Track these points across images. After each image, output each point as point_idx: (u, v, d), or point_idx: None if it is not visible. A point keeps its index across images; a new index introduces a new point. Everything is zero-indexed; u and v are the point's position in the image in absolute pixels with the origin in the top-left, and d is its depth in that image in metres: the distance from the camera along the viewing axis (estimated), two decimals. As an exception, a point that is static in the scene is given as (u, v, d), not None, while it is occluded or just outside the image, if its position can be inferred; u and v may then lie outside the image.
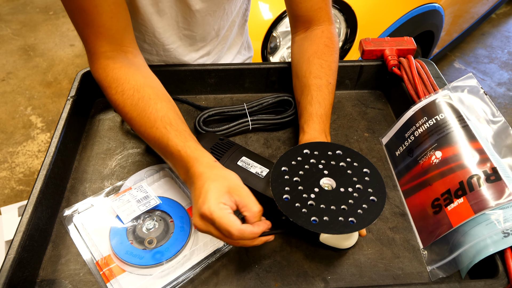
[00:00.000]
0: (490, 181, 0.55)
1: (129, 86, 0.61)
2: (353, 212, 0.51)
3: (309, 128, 0.65)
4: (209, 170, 0.53)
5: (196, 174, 0.53)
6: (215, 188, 0.50)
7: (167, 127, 0.58)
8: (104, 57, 0.63)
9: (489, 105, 0.64)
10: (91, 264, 0.56)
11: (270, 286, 0.55)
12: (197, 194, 0.51)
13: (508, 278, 0.52)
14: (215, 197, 0.50)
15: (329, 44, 0.73)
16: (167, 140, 0.57)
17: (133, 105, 0.60)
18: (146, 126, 0.59)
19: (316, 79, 0.69)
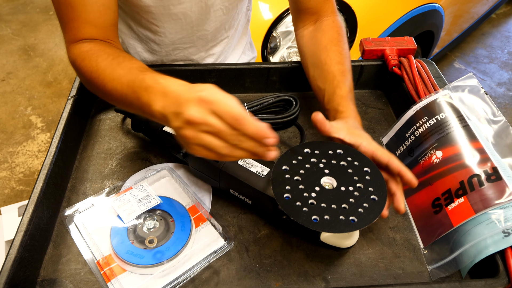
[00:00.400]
0: (490, 180, 0.55)
1: (104, 52, 0.60)
2: (354, 211, 0.51)
3: (345, 107, 0.65)
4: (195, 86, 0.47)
5: (181, 88, 0.47)
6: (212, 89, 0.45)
7: (143, 70, 0.54)
8: (85, 42, 0.63)
9: (490, 105, 0.64)
10: (92, 264, 0.56)
11: (271, 285, 0.55)
12: (185, 91, 0.46)
13: (508, 278, 0.52)
14: (212, 87, 0.45)
15: (341, 33, 0.74)
16: (143, 76, 0.52)
17: (106, 65, 0.57)
18: (119, 76, 0.55)
19: (338, 65, 0.69)
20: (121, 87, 0.54)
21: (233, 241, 0.59)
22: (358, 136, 0.59)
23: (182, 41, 0.82)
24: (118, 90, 0.55)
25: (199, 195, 0.66)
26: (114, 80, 0.56)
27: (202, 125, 0.44)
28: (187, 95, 0.45)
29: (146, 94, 0.50)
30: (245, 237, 0.61)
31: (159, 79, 0.50)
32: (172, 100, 0.47)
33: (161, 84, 0.49)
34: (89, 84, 0.61)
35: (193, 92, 0.45)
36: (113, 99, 0.58)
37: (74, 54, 0.62)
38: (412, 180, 0.55)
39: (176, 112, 0.45)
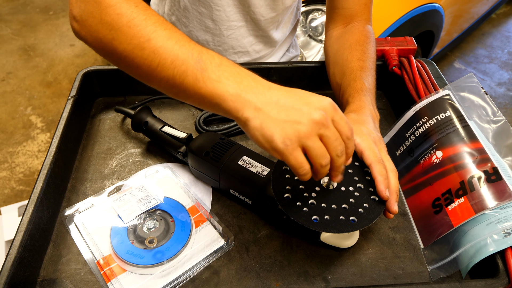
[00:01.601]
0: (490, 181, 0.55)
1: (148, 6, 0.49)
2: (354, 211, 0.51)
3: (355, 99, 0.62)
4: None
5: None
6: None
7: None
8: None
9: (490, 105, 0.64)
10: (92, 264, 0.56)
11: (271, 285, 0.55)
12: (300, 92, 0.44)
13: (508, 278, 0.52)
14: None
15: (370, 37, 0.73)
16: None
17: (159, 20, 0.47)
18: (178, 37, 0.46)
19: (359, 61, 0.67)
20: (179, 50, 0.45)
21: (233, 241, 0.59)
22: (354, 132, 0.55)
23: (236, 18, 0.81)
24: (173, 52, 0.45)
25: (199, 195, 0.66)
26: (171, 38, 0.46)
27: (324, 129, 0.43)
28: (315, 98, 0.44)
29: (217, 69, 0.45)
30: (245, 237, 0.61)
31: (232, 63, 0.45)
32: (274, 93, 0.44)
33: (239, 68, 0.45)
34: (120, 33, 0.47)
35: (320, 99, 0.44)
36: (152, 62, 0.46)
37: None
38: (381, 193, 0.52)
39: (292, 107, 0.43)
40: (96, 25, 0.48)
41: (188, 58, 0.45)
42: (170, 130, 0.68)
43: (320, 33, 1.61)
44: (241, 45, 0.86)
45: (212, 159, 0.63)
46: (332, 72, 0.73)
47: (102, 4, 0.47)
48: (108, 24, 0.47)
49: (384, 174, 0.53)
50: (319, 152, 0.43)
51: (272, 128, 0.42)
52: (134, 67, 0.48)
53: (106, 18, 0.47)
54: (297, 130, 0.42)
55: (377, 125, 0.60)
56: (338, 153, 0.45)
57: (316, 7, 1.62)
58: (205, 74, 0.44)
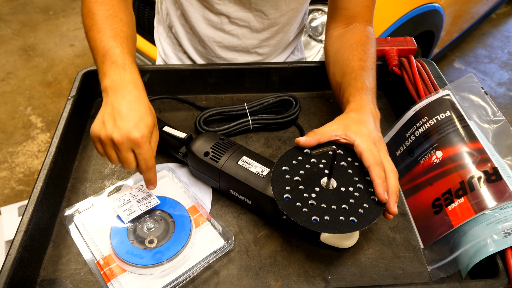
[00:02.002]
0: (490, 181, 0.55)
1: (110, 3, 0.64)
2: (354, 212, 0.51)
3: (355, 98, 0.62)
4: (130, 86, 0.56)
5: (115, 85, 0.56)
6: (142, 113, 0.54)
7: (120, 34, 0.61)
8: None
9: (490, 105, 0.64)
10: (92, 264, 0.56)
11: (271, 285, 0.55)
12: (137, 106, 0.55)
13: (508, 278, 0.52)
14: (145, 123, 0.54)
15: (371, 38, 0.73)
16: (107, 40, 0.60)
17: (105, 16, 0.63)
18: (106, 34, 0.61)
19: (360, 61, 0.67)
20: (100, 44, 0.60)
21: (233, 241, 0.59)
22: (353, 133, 0.56)
23: (239, 16, 0.82)
24: (96, 42, 0.61)
25: (199, 195, 0.66)
26: (99, 32, 0.62)
27: (117, 149, 0.54)
28: (130, 120, 0.53)
29: (108, 64, 0.58)
30: (245, 237, 0.61)
31: (127, 65, 0.57)
32: (119, 99, 0.55)
33: (122, 72, 0.57)
34: (82, 16, 0.67)
35: (134, 125, 0.53)
36: (88, 41, 0.64)
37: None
38: (379, 196, 0.52)
39: (114, 117, 0.54)
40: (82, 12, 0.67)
41: (100, 64, 0.60)
42: (170, 130, 0.68)
43: (320, 33, 1.61)
44: (242, 44, 0.86)
45: (212, 159, 0.63)
46: (332, 72, 0.73)
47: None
48: (82, 16, 0.67)
49: (382, 176, 0.53)
50: (110, 158, 0.56)
51: (99, 118, 0.56)
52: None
53: (83, 12, 0.67)
54: (102, 134, 0.55)
55: (377, 124, 0.60)
56: (127, 169, 0.56)
57: (316, 7, 1.62)
58: (102, 66, 0.59)
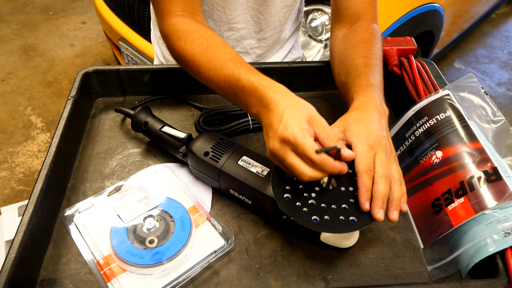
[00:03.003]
0: (490, 181, 0.55)
1: (198, 36, 0.64)
2: (354, 211, 0.51)
3: (359, 96, 0.60)
4: (287, 97, 0.53)
5: (274, 101, 0.52)
6: (297, 115, 0.50)
7: (238, 65, 0.59)
8: (176, 16, 0.67)
9: (490, 105, 0.64)
10: (92, 264, 0.56)
11: (271, 285, 0.55)
12: (276, 120, 0.51)
13: (508, 278, 0.52)
14: (298, 123, 0.49)
15: (375, 35, 0.72)
16: (239, 74, 0.57)
17: (202, 51, 0.62)
18: (216, 68, 0.60)
19: (363, 58, 0.66)
20: (218, 79, 0.60)
21: (233, 241, 0.59)
22: (352, 134, 0.55)
23: (237, 20, 0.82)
24: (215, 81, 0.61)
25: (199, 195, 0.66)
26: (211, 70, 0.61)
27: (280, 158, 0.51)
28: (271, 131, 0.51)
29: (243, 94, 0.57)
30: (245, 237, 0.61)
31: (255, 81, 0.55)
32: (270, 112, 0.52)
33: (257, 90, 0.55)
34: (183, 65, 0.67)
35: (274, 132, 0.51)
36: (208, 85, 0.63)
37: (169, 30, 0.66)
38: (360, 205, 0.51)
39: (267, 131, 0.53)
40: (170, 51, 0.69)
41: (232, 91, 0.60)
42: (170, 130, 0.68)
43: (320, 33, 1.61)
44: (240, 45, 0.86)
45: (212, 159, 0.63)
46: (337, 72, 0.72)
47: (167, 42, 0.69)
48: (174, 56, 0.69)
49: (366, 185, 0.51)
50: (289, 169, 0.52)
51: (266, 140, 0.54)
52: (199, 79, 0.66)
53: (171, 52, 0.69)
54: (268, 148, 0.53)
55: (383, 121, 0.58)
56: (304, 179, 0.51)
57: (316, 7, 1.62)
58: (238, 99, 0.59)
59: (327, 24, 1.57)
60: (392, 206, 0.52)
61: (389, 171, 0.53)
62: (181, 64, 0.67)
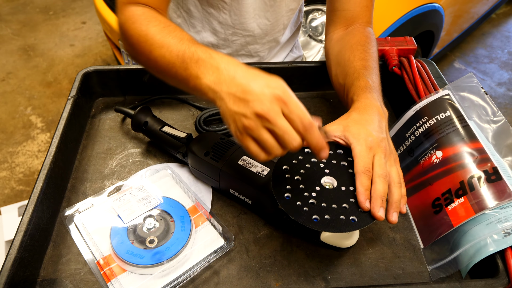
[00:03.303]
0: (490, 180, 0.55)
1: (155, 19, 0.59)
2: (354, 211, 0.51)
3: (359, 97, 0.60)
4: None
5: (243, 66, 0.49)
6: (274, 77, 0.47)
7: (195, 43, 0.55)
8: (136, 4, 0.63)
9: (490, 105, 0.64)
10: (92, 264, 0.56)
11: (271, 285, 0.55)
12: (254, 80, 0.47)
13: (508, 278, 0.52)
14: (282, 83, 0.47)
15: (371, 38, 0.73)
16: (196, 48, 0.53)
17: (157, 31, 0.57)
18: (169, 44, 0.55)
19: (361, 60, 0.66)
20: (170, 55, 0.55)
21: (233, 241, 0.59)
22: (351, 135, 0.55)
23: (243, 27, 0.82)
24: (165, 58, 0.55)
25: (199, 195, 0.66)
26: (163, 47, 0.56)
27: (269, 123, 0.45)
28: (259, 87, 0.46)
29: (196, 66, 0.52)
30: (245, 237, 0.61)
31: (212, 53, 0.51)
32: (232, 81, 0.48)
33: (214, 59, 0.50)
34: (134, 49, 0.60)
35: (266, 87, 0.46)
36: (156, 67, 0.58)
37: (125, 16, 0.61)
38: (360, 204, 0.51)
39: (241, 98, 0.46)
40: (126, 40, 0.62)
41: (176, 60, 0.54)
42: (170, 130, 0.68)
43: (320, 33, 1.61)
44: (245, 49, 0.87)
45: (212, 159, 0.63)
46: (334, 74, 0.72)
47: (123, 27, 0.62)
48: (130, 42, 0.61)
49: (365, 184, 0.52)
50: (268, 144, 0.46)
51: (228, 118, 0.48)
52: (155, 69, 0.60)
53: (127, 38, 0.61)
54: (242, 123, 0.46)
55: (383, 123, 0.58)
56: (291, 147, 0.46)
57: (316, 7, 1.62)
58: (188, 73, 0.53)
59: (327, 24, 1.57)
60: (392, 208, 0.52)
61: (388, 172, 0.53)
62: (132, 49, 0.61)
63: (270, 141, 0.46)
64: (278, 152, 0.47)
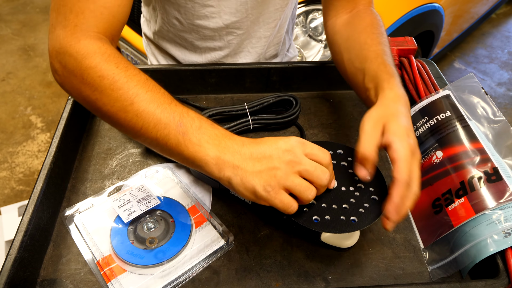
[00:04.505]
0: (491, 181, 0.55)
1: (132, 66, 0.51)
2: (355, 211, 0.51)
3: (390, 84, 0.55)
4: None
5: (250, 139, 0.49)
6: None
7: (188, 114, 0.49)
8: (93, 37, 0.51)
9: (490, 105, 0.64)
10: (92, 264, 0.56)
11: (271, 286, 0.55)
12: (268, 141, 0.47)
13: (509, 278, 0.52)
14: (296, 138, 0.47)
15: (380, 20, 0.69)
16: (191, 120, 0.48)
17: (141, 82, 0.49)
18: (160, 102, 0.49)
19: (381, 45, 0.62)
20: (162, 132, 0.48)
21: (233, 241, 0.59)
22: (392, 134, 0.49)
23: (236, 26, 0.80)
24: (156, 133, 0.48)
25: (199, 195, 0.66)
26: (159, 123, 0.48)
27: (299, 165, 0.46)
28: (273, 142, 0.47)
29: (191, 158, 0.48)
30: (245, 237, 0.61)
31: (207, 146, 0.47)
32: (241, 149, 0.47)
33: (217, 151, 0.47)
34: (103, 95, 0.49)
35: (277, 141, 0.47)
36: (134, 133, 0.50)
37: (89, 48, 0.50)
38: (387, 213, 0.48)
39: (262, 157, 0.46)
40: (79, 84, 0.50)
41: (170, 121, 0.47)
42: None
43: (320, 33, 1.61)
44: (240, 49, 0.86)
45: (212, 159, 0.63)
46: (347, 58, 0.66)
47: (82, 64, 0.49)
48: (90, 85, 0.49)
49: (402, 197, 0.47)
50: (301, 188, 0.46)
51: (252, 180, 0.45)
52: (119, 126, 0.51)
53: (88, 79, 0.49)
54: (274, 175, 0.45)
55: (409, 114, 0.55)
56: (323, 181, 0.47)
57: (316, 7, 1.62)
58: (187, 138, 0.47)
59: (327, 24, 1.57)
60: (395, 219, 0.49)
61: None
62: (97, 93, 0.49)
63: (304, 183, 0.46)
64: (312, 192, 0.47)
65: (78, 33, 0.51)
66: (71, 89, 0.52)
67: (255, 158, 0.46)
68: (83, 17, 0.51)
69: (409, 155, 0.49)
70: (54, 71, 0.53)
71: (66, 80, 0.52)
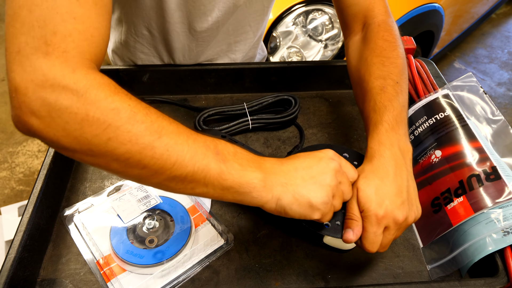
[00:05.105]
0: (489, 180, 0.55)
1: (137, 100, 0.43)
2: None
3: (373, 139, 0.53)
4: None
5: (286, 158, 0.49)
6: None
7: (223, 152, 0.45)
8: (90, 66, 0.41)
9: (489, 104, 0.64)
10: (92, 264, 0.56)
11: (271, 285, 0.55)
12: (307, 154, 0.48)
13: (508, 277, 0.52)
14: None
15: (389, 39, 0.62)
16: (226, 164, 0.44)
17: (160, 114, 0.44)
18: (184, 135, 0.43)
19: (377, 80, 0.57)
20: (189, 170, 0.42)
21: (233, 241, 0.59)
22: (364, 200, 0.49)
23: (225, 17, 0.77)
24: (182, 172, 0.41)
25: (199, 195, 0.66)
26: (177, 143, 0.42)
27: (341, 176, 0.48)
28: (314, 156, 0.48)
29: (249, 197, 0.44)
30: (245, 237, 0.61)
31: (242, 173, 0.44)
32: (285, 167, 0.46)
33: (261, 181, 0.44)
34: (120, 132, 0.39)
35: (315, 157, 0.48)
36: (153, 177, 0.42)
37: (90, 78, 0.40)
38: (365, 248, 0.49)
39: (312, 176, 0.46)
40: (78, 125, 0.38)
41: (207, 151, 0.42)
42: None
43: (320, 33, 1.61)
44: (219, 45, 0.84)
45: (212, 159, 0.63)
46: (355, 94, 0.64)
47: (87, 98, 0.38)
48: (100, 123, 0.38)
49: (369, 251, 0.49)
50: (341, 199, 0.48)
51: (306, 193, 0.44)
52: (139, 169, 0.41)
53: (96, 115, 0.38)
54: (327, 184, 0.45)
55: (407, 161, 0.52)
56: (348, 196, 0.49)
57: (316, 7, 1.62)
58: (229, 165, 0.43)
59: (327, 24, 1.58)
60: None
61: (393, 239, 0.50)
62: (109, 134, 0.39)
63: (341, 196, 0.48)
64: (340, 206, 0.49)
65: (70, 61, 0.39)
66: (62, 134, 0.39)
67: (300, 171, 0.46)
68: (72, 41, 0.40)
69: (375, 225, 0.48)
70: (30, 112, 0.38)
71: (53, 123, 0.38)
